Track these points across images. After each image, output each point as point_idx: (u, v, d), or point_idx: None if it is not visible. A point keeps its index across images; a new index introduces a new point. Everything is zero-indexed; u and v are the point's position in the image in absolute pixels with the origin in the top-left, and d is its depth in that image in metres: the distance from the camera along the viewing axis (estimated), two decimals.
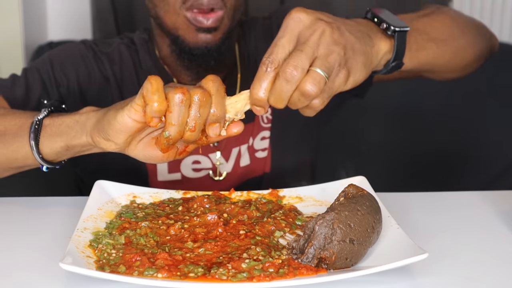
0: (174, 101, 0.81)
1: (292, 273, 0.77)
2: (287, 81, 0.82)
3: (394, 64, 0.97)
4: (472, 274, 0.83)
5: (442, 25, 1.15)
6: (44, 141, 0.97)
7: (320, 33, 0.85)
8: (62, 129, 0.96)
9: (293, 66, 0.82)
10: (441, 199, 1.10)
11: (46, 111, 0.99)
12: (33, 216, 1.00)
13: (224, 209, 0.94)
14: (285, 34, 0.85)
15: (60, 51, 1.31)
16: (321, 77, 0.83)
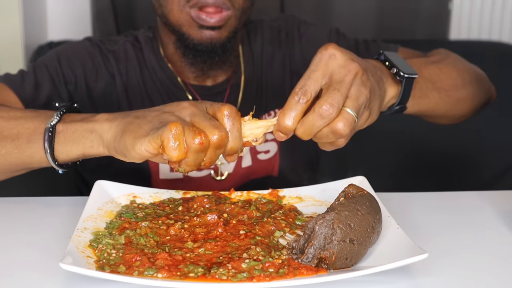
0: (193, 148, 0.83)
1: (292, 273, 0.77)
2: (321, 117, 0.84)
3: (397, 107, 1.00)
4: (472, 274, 0.83)
5: (448, 76, 1.18)
6: (59, 148, 0.97)
7: (354, 74, 0.87)
8: (76, 138, 0.96)
9: (330, 103, 0.84)
10: (441, 199, 1.10)
11: (58, 116, 0.98)
12: (33, 216, 1.00)
13: (224, 209, 0.94)
14: (319, 68, 0.87)
15: (67, 47, 1.32)
16: (352, 118, 0.86)
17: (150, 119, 0.88)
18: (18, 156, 1.01)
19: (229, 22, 1.22)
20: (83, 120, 0.96)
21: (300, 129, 0.86)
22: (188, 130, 0.83)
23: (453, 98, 1.18)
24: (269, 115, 1.35)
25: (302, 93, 0.85)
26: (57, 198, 1.08)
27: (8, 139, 1.00)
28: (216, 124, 0.85)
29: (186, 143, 0.83)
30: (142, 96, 1.31)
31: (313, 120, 0.85)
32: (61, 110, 0.99)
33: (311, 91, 0.86)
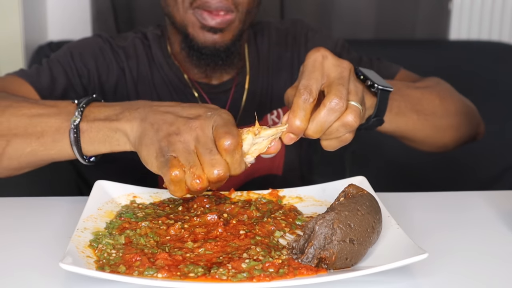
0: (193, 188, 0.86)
1: (292, 273, 0.77)
2: (333, 111, 0.87)
3: (374, 119, 1.02)
4: (472, 274, 0.83)
5: (429, 102, 1.20)
6: (86, 147, 1.00)
7: (348, 70, 0.91)
8: (102, 137, 0.98)
9: (339, 97, 0.87)
10: (441, 199, 1.10)
11: (80, 113, 0.99)
12: (33, 216, 1.00)
13: (224, 209, 0.94)
14: (316, 68, 0.90)
15: (78, 43, 1.35)
16: (359, 110, 0.89)
17: (161, 136, 0.89)
18: (44, 154, 1.03)
19: (232, 25, 1.23)
20: (106, 120, 0.98)
21: (312, 127, 0.88)
22: (188, 175, 0.86)
23: (433, 124, 1.20)
24: (271, 114, 1.36)
25: (307, 93, 0.87)
26: (57, 198, 1.08)
27: (33, 136, 1.02)
28: (215, 161, 0.86)
29: (186, 184, 0.86)
30: (151, 91, 1.33)
31: (325, 116, 0.87)
32: (81, 106, 1.00)
33: (315, 90, 0.88)
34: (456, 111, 1.24)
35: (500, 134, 1.92)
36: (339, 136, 0.90)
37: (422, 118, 1.17)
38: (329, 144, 0.92)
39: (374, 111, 1.02)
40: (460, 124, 1.25)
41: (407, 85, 1.21)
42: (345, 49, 1.41)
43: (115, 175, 1.06)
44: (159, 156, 0.89)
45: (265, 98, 1.37)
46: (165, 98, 1.31)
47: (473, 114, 1.31)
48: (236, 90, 1.35)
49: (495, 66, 1.99)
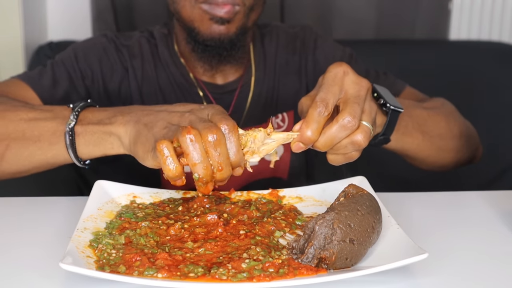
0: (186, 144, 0.84)
1: (292, 273, 0.77)
2: (344, 128, 0.87)
3: (382, 138, 1.04)
4: (472, 274, 0.83)
5: (435, 123, 1.21)
6: (81, 149, 1.02)
7: (366, 90, 0.91)
8: (96, 140, 1.00)
9: (352, 116, 0.87)
10: (441, 199, 1.10)
11: (75, 117, 1.02)
12: (33, 216, 1.00)
13: (224, 209, 0.94)
14: (336, 83, 0.90)
15: (83, 44, 1.35)
16: (369, 131, 0.90)
17: (156, 131, 0.91)
18: (41, 157, 1.05)
19: (237, 17, 1.24)
20: (99, 123, 1.00)
21: (321, 140, 0.88)
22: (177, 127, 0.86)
23: (436, 145, 1.21)
24: (276, 118, 1.36)
25: (323, 106, 0.87)
26: (57, 198, 1.08)
27: (31, 140, 1.04)
28: (210, 125, 0.86)
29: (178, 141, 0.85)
30: (156, 91, 1.33)
31: (336, 132, 0.87)
32: (76, 111, 1.03)
33: (331, 104, 0.88)
34: (459, 134, 1.25)
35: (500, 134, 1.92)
36: (346, 152, 0.91)
37: (427, 139, 1.18)
38: (334, 158, 0.92)
39: (382, 130, 1.03)
40: (461, 147, 1.26)
41: (415, 104, 1.23)
42: (353, 59, 1.41)
43: (116, 176, 1.06)
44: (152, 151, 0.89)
45: (270, 101, 1.37)
46: (170, 98, 1.32)
47: (473, 137, 1.32)
48: (242, 90, 1.35)
49: (495, 66, 1.99)
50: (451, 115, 1.26)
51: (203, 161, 0.84)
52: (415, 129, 1.16)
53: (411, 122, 1.15)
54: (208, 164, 0.85)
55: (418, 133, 1.17)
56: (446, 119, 1.23)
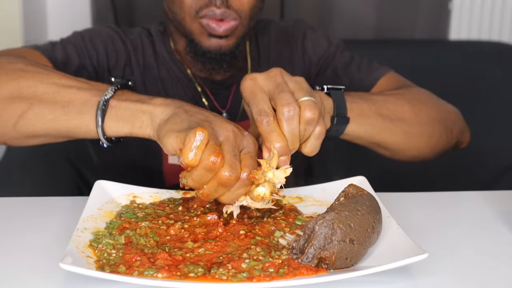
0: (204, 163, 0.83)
1: (292, 273, 0.77)
2: (289, 120, 0.88)
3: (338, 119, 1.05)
4: (472, 274, 0.83)
5: (396, 107, 1.19)
6: (109, 123, 0.98)
7: (280, 75, 0.93)
8: (128, 116, 0.97)
9: (285, 105, 0.88)
10: (441, 199, 1.10)
11: (113, 91, 0.99)
12: (33, 216, 1.00)
13: None
14: (254, 93, 0.91)
15: (89, 30, 1.38)
16: (312, 102, 0.90)
17: (193, 120, 0.89)
18: (64, 124, 1.01)
19: (236, 31, 1.26)
20: (138, 101, 0.97)
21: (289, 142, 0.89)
22: (210, 146, 0.83)
23: (402, 130, 1.18)
24: None
25: (264, 116, 0.88)
26: (57, 198, 1.08)
27: (59, 105, 1.00)
28: (235, 164, 0.84)
29: (201, 156, 0.83)
30: (156, 81, 1.35)
31: (287, 127, 0.88)
32: (116, 85, 1.01)
33: (268, 109, 0.89)
34: (430, 119, 1.22)
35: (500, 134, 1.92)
36: (310, 134, 0.91)
37: (388, 122, 1.16)
38: (309, 147, 0.92)
39: (334, 111, 1.04)
40: (434, 132, 1.23)
41: (372, 92, 1.26)
42: (340, 49, 1.43)
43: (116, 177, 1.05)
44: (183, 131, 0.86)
45: None
46: (170, 90, 1.35)
47: (453, 122, 1.29)
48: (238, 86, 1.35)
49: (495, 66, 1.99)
50: (416, 99, 1.23)
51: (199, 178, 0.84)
52: (372, 111, 1.14)
53: (367, 104, 1.13)
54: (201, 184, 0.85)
55: (376, 115, 1.14)
56: (409, 104, 1.21)
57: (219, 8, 1.22)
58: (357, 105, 1.11)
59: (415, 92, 1.27)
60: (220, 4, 1.21)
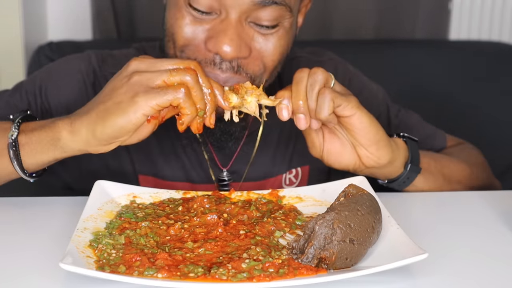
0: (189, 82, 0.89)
1: (292, 273, 0.77)
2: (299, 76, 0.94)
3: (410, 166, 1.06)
4: (472, 274, 0.83)
5: (457, 169, 1.19)
6: (27, 160, 0.97)
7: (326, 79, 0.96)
8: (44, 147, 0.95)
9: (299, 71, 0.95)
10: (441, 199, 1.10)
11: (17, 128, 0.97)
12: (33, 216, 1.00)
13: (224, 209, 0.94)
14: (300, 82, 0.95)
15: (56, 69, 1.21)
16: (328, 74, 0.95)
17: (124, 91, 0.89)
18: None
19: None
20: (43, 128, 0.95)
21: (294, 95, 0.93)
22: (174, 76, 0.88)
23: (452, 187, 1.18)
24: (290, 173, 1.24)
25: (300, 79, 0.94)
26: (57, 198, 1.07)
27: None
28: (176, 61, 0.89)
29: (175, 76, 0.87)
30: None
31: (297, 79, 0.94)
32: (18, 121, 0.97)
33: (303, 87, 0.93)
34: (478, 183, 1.22)
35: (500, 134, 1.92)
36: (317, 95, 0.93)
37: (447, 182, 1.16)
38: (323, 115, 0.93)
39: (409, 156, 1.05)
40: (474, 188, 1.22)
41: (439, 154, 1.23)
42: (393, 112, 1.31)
43: None
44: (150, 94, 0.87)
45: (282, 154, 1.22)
46: None
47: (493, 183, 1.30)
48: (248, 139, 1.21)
49: (495, 66, 1.99)
50: (474, 165, 1.23)
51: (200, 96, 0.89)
52: (437, 170, 1.14)
53: (433, 162, 1.14)
54: None
55: (439, 174, 1.14)
56: (469, 169, 1.21)
57: (223, 73, 1.00)
58: (426, 159, 1.11)
59: (472, 154, 1.28)
60: (227, 71, 1.00)
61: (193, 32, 1.00)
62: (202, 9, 0.98)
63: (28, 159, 0.97)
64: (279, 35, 1.02)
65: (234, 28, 0.97)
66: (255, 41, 1.00)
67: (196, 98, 0.89)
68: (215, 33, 0.98)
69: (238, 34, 0.98)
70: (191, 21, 1.00)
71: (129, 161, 1.18)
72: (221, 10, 0.98)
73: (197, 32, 1.00)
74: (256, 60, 1.02)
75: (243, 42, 0.99)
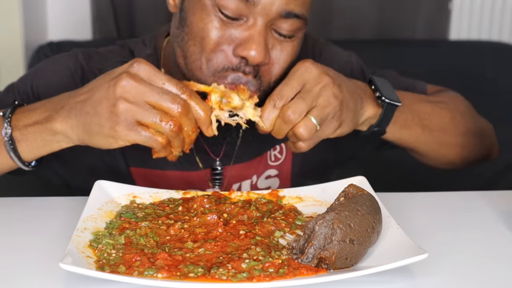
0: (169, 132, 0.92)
1: (292, 273, 0.77)
2: (284, 122, 0.96)
3: (376, 129, 1.08)
4: (471, 274, 0.83)
5: (439, 118, 1.19)
6: (25, 155, 1.00)
7: (323, 85, 0.97)
8: (40, 142, 0.99)
9: (292, 110, 0.95)
10: (441, 199, 1.10)
11: (9, 124, 0.99)
12: (33, 216, 1.00)
13: (224, 209, 0.94)
14: (295, 78, 0.97)
15: (45, 68, 1.22)
16: (313, 125, 0.96)
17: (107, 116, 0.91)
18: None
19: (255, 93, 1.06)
20: (37, 123, 0.98)
21: (273, 130, 0.98)
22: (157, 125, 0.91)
23: (438, 140, 1.19)
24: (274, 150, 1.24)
25: (278, 98, 0.96)
26: (57, 198, 1.07)
27: None
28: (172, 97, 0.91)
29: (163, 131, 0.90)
30: None
31: (279, 123, 0.97)
32: (7, 117, 1.00)
33: (286, 96, 0.96)
34: (466, 131, 1.23)
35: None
36: (294, 142, 0.99)
37: (427, 133, 1.17)
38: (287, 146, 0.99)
39: (377, 121, 1.05)
40: (468, 143, 1.24)
41: (420, 98, 1.21)
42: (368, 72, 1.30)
43: None
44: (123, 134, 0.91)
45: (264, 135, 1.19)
46: None
47: (486, 135, 1.29)
48: None
49: (495, 66, 1.99)
50: (457, 110, 1.24)
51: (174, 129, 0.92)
52: (414, 123, 1.15)
53: (411, 116, 1.14)
54: None
55: (417, 126, 1.15)
56: (451, 114, 1.21)
57: (246, 76, 1.03)
58: (403, 116, 1.12)
59: (457, 102, 1.27)
60: (249, 72, 1.02)
61: (222, 37, 1.02)
62: (231, 15, 1.00)
63: (25, 154, 1.00)
64: (294, 45, 1.05)
65: (262, 35, 1.00)
66: (274, 49, 1.03)
67: (174, 145, 0.95)
68: (244, 39, 1.01)
69: (265, 41, 1.00)
70: (221, 26, 1.01)
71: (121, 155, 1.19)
72: (248, 16, 1.00)
73: (225, 37, 1.02)
74: (271, 67, 1.05)
75: (267, 49, 1.02)
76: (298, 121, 0.95)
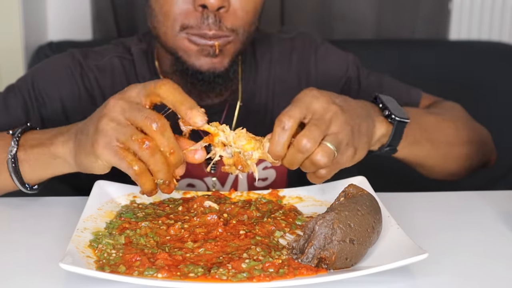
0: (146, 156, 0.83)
1: (292, 273, 0.77)
2: (300, 151, 0.88)
3: (387, 149, 1.05)
4: (472, 274, 0.83)
5: (445, 130, 1.18)
6: (27, 175, 1.00)
7: (333, 113, 0.91)
8: (42, 164, 0.98)
9: (307, 138, 0.88)
10: (441, 199, 1.10)
11: (16, 143, 0.99)
12: (33, 216, 1.00)
13: (224, 209, 0.94)
14: (303, 102, 0.91)
15: (44, 67, 1.25)
16: (331, 151, 0.89)
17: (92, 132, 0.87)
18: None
19: (231, 47, 1.13)
20: (41, 145, 0.97)
21: (285, 161, 0.89)
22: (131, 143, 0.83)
23: (445, 153, 1.19)
24: None
25: (287, 120, 0.88)
26: (57, 198, 1.08)
27: None
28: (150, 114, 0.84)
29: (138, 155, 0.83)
30: None
31: (293, 154, 0.88)
32: (17, 136, 0.99)
33: (295, 118, 0.88)
34: (468, 140, 1.22)
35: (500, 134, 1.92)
36: (312, 171, 0.92)
37: (436, 147, 1.16)
38: (309, 178, 0.93)
39: (388, 140, 1.03)
40: (471, 153, 1.23)
41: (423, 111, 1.21)
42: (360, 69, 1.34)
43: None
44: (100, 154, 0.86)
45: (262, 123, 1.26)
46: None
47: (485, 143, 1.29)
48: (229, 111, 1.25)
49: (495, 66, 1.99)
50: (459, 120, 1.23)
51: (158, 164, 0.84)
52: (423, 138, 1.14)
53: (420, 130, 1.13)
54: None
55: (426, 141, 1.14)
56: (454, 126, 1.20)
57: (210, 30, 1.09)
58: (412, 132, 1.10)
59: (457, 112, 1.27)
60: (213, 25, 1.08)
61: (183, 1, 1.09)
62: None
63: (27, 175, 1.00)
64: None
65: None
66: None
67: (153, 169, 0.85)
68: None
69: None
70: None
71: None
72: None
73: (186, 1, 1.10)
74: (235, 12, 1.10)
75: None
76: (314, 149, 0.88)
